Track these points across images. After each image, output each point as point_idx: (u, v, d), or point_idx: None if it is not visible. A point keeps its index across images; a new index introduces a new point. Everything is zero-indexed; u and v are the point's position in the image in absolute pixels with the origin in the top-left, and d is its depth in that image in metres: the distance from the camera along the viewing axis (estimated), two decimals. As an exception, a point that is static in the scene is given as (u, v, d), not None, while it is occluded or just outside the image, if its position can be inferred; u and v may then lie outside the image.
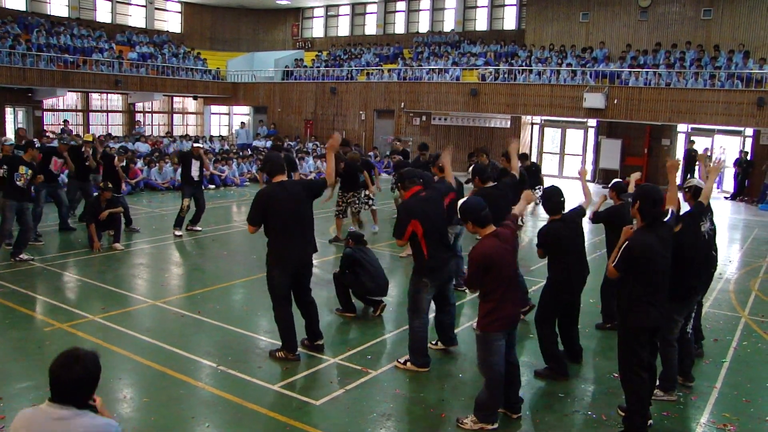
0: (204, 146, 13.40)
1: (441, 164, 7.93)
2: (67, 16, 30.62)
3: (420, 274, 6.38)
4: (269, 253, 6.50)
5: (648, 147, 24.32)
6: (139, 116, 31.10)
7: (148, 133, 29.47)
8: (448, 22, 32.67)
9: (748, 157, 22.15)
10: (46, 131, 23.99)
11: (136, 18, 34.12)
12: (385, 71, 29.47)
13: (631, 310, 5.14)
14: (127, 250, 11.45)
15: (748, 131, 22.77)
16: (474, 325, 7.67)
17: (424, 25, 33.43)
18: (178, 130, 31.79)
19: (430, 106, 27.13)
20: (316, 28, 37.40)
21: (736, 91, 20.94)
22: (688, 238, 5.74)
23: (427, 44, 31.45)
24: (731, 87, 21.17)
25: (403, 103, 27.72)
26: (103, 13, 32.61)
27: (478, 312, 5.30)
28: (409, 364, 6.50)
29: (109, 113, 30.29)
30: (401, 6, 34.10)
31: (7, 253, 10.37)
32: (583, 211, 6.75)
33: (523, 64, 26.19)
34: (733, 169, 22.75)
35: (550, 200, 6.46)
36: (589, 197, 7.16)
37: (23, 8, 29.26)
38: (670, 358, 5.89)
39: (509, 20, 30.98)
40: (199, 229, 13.05)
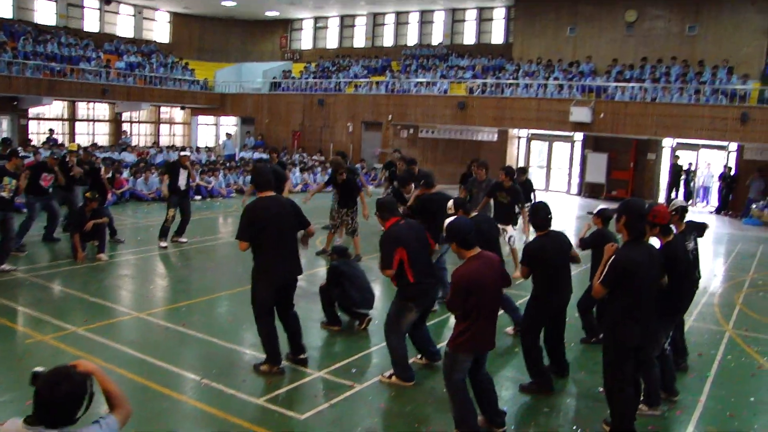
0: (189, 154, 13.30)
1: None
2: (54, 24, 30.52)
3: (405, 299, 6.34)
4: (255, 268, 6.47)
5: (634, 161, 24.50)
6: (126, 126, 30.94)
7: (135, 143, 29.34)
8: (437, 35, 32.86)
9: (732, 172, 22.34)
10: (31, 141, 23.88)
11: (124, 27, 34.07)
12: (373, 83, 29.53)
13: (617, 326, 5.15)
14: (112, 261, 11.36)
15: (732, 146, 22.99)
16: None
17: (412, 38, 33.59)
18: (165, 141, 31.70)
19: (418, 119, 27.19)
20: (305, 40, 37.50)
21: (720, 107, 21.13)
22: (678, 256, 5.78)
23: (415, 57, 31.59)
24: (716, 102, 21.36)
25: (390, 116, 27.76)
26: (90, 22, 32.53)
27: (453, 330, 5.25)
28: (395, 378, 6.47)
29: (96, 122, 30.13)
30: (390, 19, 34.24)
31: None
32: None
33: (511, 78, 26.33)
34: (718, 184, 22.94)
35: (537, 215, 6.46)
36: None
37: (10, 16, 29.12)
38: (653, 374, 5.90)
39: (497, 34, 31.20)
40: (184, 240, 12.95)
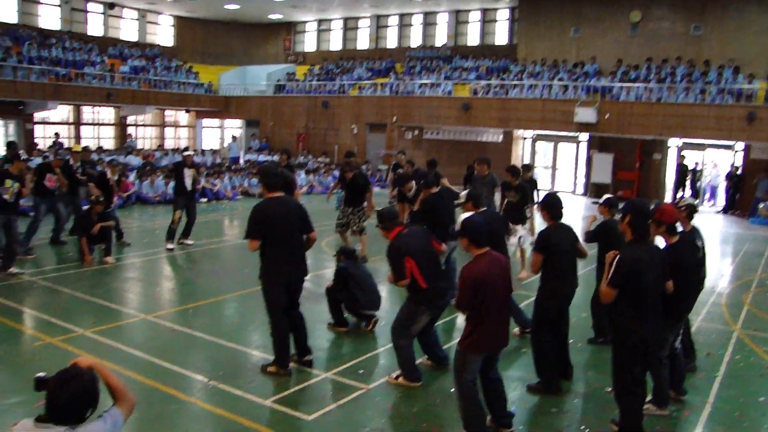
0: (192, 154, 13.26)
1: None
2: (58, 29, 30.61)
3: (418, 303, 6.35)
4: (263, 269, 6.48)
5: (639, 161, 24.44)
6: (131, 129, 31.05)
7: (140, 146, 29.43)
8: (440, 37, 32.85)
9: (739, 172, 22.28)
10: (38, 144, 23.94)
11: (128, 31, 34.16)
12: (378, 85, 29.55)
13: (625, 327, 5.14)
14: (119, 264, 11.38)
15: (739, 145, 22.92)
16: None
17: (416, 40, 33.60)
18: (169, 144, 31.78)
19: (422, 120, 27.19)
20: (309, 42, 37.53)
21: (726, 106, 21.07)
22: (686, 256, 5.77)
23: (419, 58, 31.59)
24: (722, 102, 21.30)
25: (395, 117, 27.76)
26: (94, 26, 32.61)
27: (464, 329, 5.27)
28: (402, 379, 6.47)
29: (101, 126, 30.22)
30: (393, 20, 34.25)
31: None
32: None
33: (515, 79, 26.31)
34: (725, 183, 22.89)
35: (554, 206, 6.50)
36: None
37: (14, 21, 29.24)
38: (662, 375, 5.89)
39: (501, 35, 31.18)
40: (191, 242, 12.97)
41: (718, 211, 22.26)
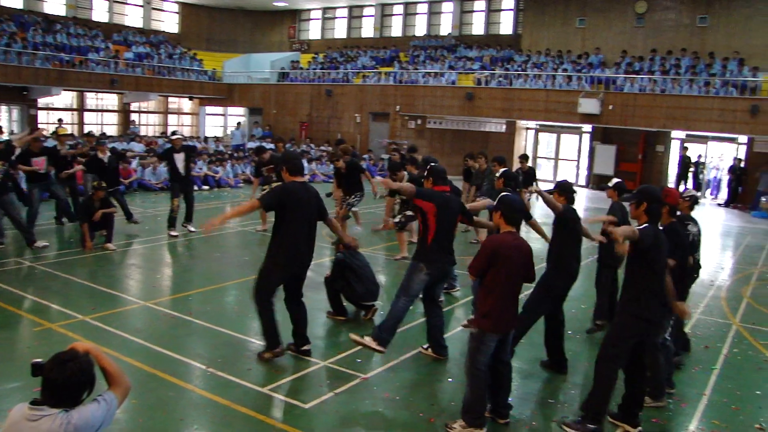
0: (181, 136, 13.07)
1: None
2: (63, 14, 30.60)
3: (419, 259, 6.44)
4: (274, 249, 6.45)
5: (642, 153, 24.38)
6: (134, 116, 31.06)
7: (143, 133, 29.42)
8: (445, 26, 32.76)
9: (742, 165, 22.23)
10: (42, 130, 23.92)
11: (132, 18, 34.12)
12: (381, 74, 29.48)
13: (635, 302, 5.21)
14: (119, 251, 11.41)
15: (742, 138, 22.85)
16: (464, 322, 7.72)
17: (420, 29, 33.51)
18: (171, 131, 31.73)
19: (426, 110, 27.15)
20: (313, 30, 37.46)
21: (730, 99, 21.01)
22: (682, 237, 5.91)
23: (424, 48, 31.51)
24: (726, 94, 21.24)
25: (398, 106, 27.73)
26: (99, 13, 32.60)
27: (478, 309, 5.34)
28: (368, 339, 6.43)
29: (104, 113, 30.24)
30: (398, 9, 34.16)
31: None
32: None
33: (519, 69, 26.24)
34: (728, 176, 22.84)
35: (569, 190, 6.70)
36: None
37: (20, 6, 29.24)
38: (658, 364, 5.91)
39: (506, 25, 31.09)
40: (193, 229, 12.95)
41: (720, 204, 22.23)
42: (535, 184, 13.75)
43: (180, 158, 12.43)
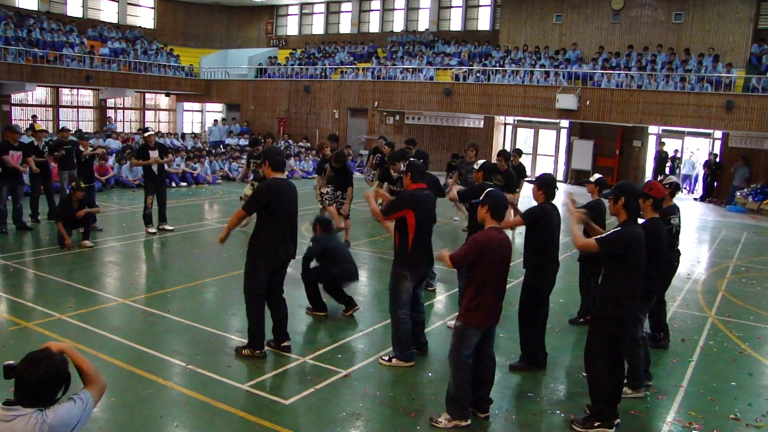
0: (153, 133, 12.93)
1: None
2: (36, 9, 30.15)
3: (401, 266, 6.44)
4: (257, 247, 6.45)
5: (620, 148, 24.58)
6: (111, 113, 30.73)
7: (120, 129, 29.13)
8: (423, 22, 32.75)
9: (717, 160, 22.49)
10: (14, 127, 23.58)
11: (107, 13, 33.71)
12: (359, 70, 29.43)
13: (617, 302, 5.23)
14: (97, 248, 11.29)
15: (717, 134, 23.13)
16: (448, 323, 7.71)
17: (398, 25, 33.47)
18: (150, 127, 31.46)
19: (404, 106, 27.16)
20: (291, 26, 37.29)
21: (705, 94, 21.23)
22: (663, 232, 5.91)
23: (402, 43, 31.48)
24: (701, 90, 21.46)
25: (376, 102, 27.72)
26: (74, 7, 32.15)
27: (462, 303, 5.35)
28: (395, 361, 6.54)
29: (80, 109, 29.89)
30: (376, 5, 34.10)
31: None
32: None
33: (497, 65, 26.32)
34: (703, 171, 23.10)
35: (550, 184, 6.56)
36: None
37: (-9, 1, 28.79)
38: (637, 356, 5.97)
39: (483, 21, 31.14)
40: (170, 228, 12.83)
41: (696, 199, 22.48)
42: (524, 181, 13.73)
43: (154, 155, 12.35)
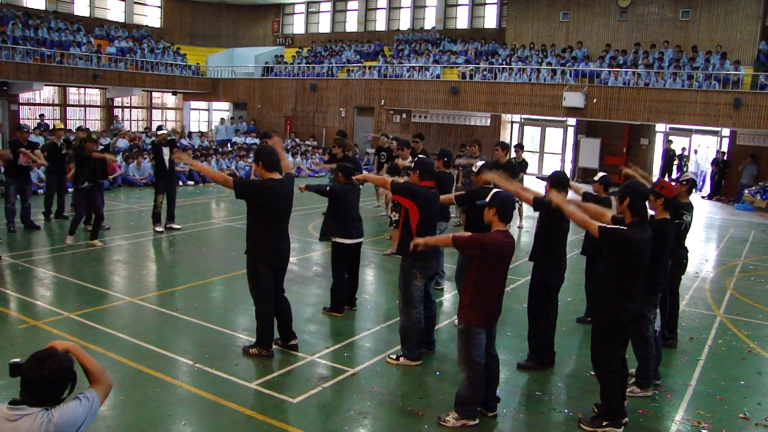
0: (166, 132, 12.89)
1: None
2: (44, 8, 30.23)
3: (410, 264, 6.42)
4: (254, 247, 6.44)
5: (627, 146, 24.52)
6: (118, 111, 30.82)
7: (127, 128, 29.19)
8: (429, 20, 32.69)
9: (725, 157, 22.41)
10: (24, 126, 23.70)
11: (115, 12, 33.77)
12: (366, 68, 29.43)
13: (611, 303, 5.19)
14: (105, 247, 11.32)
15: (725, 131, 23.04)
16: (455, 321, 7.70)
17: (405, 23, 33.42)
18: (157, 126, 31.51)
19: (411, 104, 27.15)
20: (297, 25, 37.29)
21: (713, 92, 21.14)
22: (672, 233, 5.91)
23: (408, 42, 31.45)
24: (709, 88, 21.38)
25: (383, 101, 27.71)
26: (81, 7, 32.23)
27: (461, 303, 5.32)
28: (403, 359, 6.53)
29: (87, 108, 29.97)
30: (382, 3, 34.05)
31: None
32: None
33: (504, 63, 26.27)
34: (711, 169, 23.02)
35: (562, 181, 6.53)
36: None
37: (-1, 0, 28.88)
38: (646, 355, 5.96)
39: (490, 19, 31.06)
40: (177, 227, 12.85)
41: (704, 197, 22.40)
42: (523, 177, 13.77)
43: (166, 152, 12.37)
